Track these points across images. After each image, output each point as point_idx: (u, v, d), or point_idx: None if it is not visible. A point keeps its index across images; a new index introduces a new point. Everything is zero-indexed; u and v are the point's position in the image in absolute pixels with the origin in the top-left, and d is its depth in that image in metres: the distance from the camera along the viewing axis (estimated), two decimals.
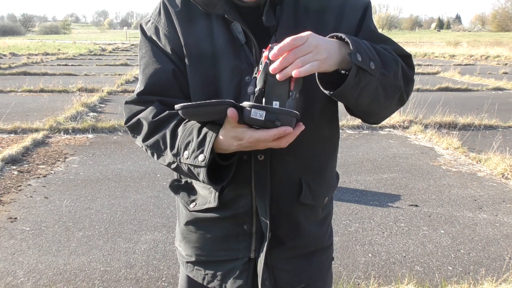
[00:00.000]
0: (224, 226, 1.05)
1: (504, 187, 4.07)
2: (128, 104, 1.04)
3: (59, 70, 13.63)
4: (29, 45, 30.31)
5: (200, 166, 0.88)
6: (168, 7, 1.01)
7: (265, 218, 1.02)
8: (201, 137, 0.89)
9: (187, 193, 1.10)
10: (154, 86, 0.99)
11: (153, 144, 0.98)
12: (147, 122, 0.98)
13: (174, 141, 0.94)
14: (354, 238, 3.01)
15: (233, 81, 0.96)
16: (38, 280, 2.47)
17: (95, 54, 22.40)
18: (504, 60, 20.63)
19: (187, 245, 1.13)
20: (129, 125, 1.03)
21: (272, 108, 0.80)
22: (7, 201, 3.53)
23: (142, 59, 1.03)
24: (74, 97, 7.52)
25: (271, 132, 0.81)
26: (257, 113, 0.80)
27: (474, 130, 6.25)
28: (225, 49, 0.96)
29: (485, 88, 10.50)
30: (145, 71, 1.01)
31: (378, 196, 3.80)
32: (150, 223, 3.21)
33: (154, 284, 2.46)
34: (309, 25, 0.96)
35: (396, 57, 0.95)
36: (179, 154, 0.92)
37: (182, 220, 1.13)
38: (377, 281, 2.50)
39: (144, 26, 1.05)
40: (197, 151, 0.88)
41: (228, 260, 1.07)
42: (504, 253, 2.85)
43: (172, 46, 0.99)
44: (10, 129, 5.80)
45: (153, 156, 1.01)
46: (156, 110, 0.98)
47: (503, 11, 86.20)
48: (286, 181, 1.02)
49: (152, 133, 0.98)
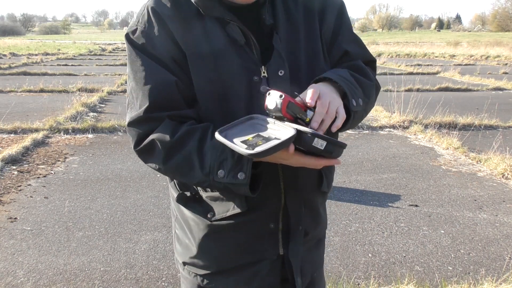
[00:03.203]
0: (249, 229, 1.02)
1: (504, 187, 4.07)
2: (133, 125, 0.95)
3: (59, 70, 13.63)
4: (29, 45, 30.32)
5: (241, 184, 0.88)
6: (158, 13, 0.95)
7: (298, 213, 1.04)
8: (237, 155, 0.87)
9: (198, 204, 1.04)
10: (160, 101, 0.92)
11: (176, 166, 0.92)
12: (165, 143, 0.91)
13: (203, 161, 0.90)
14: (354, 238, 3.01)
15: (242, 81, 0.95)
16: (38, 280, 2.47)
17: (95, 54, 22.41)
18: (504, 60, 20.64)
19: (205, 257, 1.06)
20: (141, 149, 0.95)
21: (332, 139, 0.84)
22: (7, 201, 3.53)
23: (137, 73, 0.94)
24: (74, 97, 7.52)
25: (321, 161, 0.88)
26: (318, 142, 0.83)
27: (474, 130, 6.25)
28: (225, 50, 0.94)
29: (485, 88, 10.51)
30: (145, 86, 0.93)
31: (378, 196, 3.80)
32: (150, 223, 3.21)
33: (154, 284, 2.46)
34: (300, 19, 1.02)
35: (371, 80, 1.09)
36: (211, 173, 0.89)
37: (197, 234, 1.05)
38: (377, 281, 2.50)
39: (131, 36, 0.96)
40: (235, 170, 0.88)
41: (253, 263, 1.05)
42: (504, 253, 2.85)
43: (171, 53, 0.94)
44: (10, 129, 5.80)
45: (174, 176, 0.97)
46: (170, 128, 0.92)
47: (503, 11, 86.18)
48: (309, 172, 1.04)
49: (173, 154, 0.91)
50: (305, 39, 1.02)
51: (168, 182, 1.14)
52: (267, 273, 1.06)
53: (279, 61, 0.97)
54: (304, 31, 1.02)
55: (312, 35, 1.03)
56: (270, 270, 1.06)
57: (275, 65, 0.97)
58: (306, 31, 1.02)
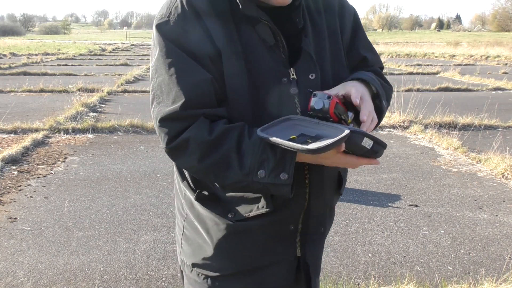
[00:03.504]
0: (270, 230, 1.01)
1: (504, 187, 4.07)
2: (166, 120, 0.90)
3: (59, 70, 13.63)
4: (29, 45, 30.32)
5: (283, 184, 0.87)
6: (194, 6, 0.92)
7: (322, 215, 1.06)
8: (279, 154, 0.87)
9: (218, 204, 1.01)
10: (196, 98, 0.89)
11: (212, 165, 0.89)
12: (202, 142, 0.88)
13: (242, 161, 0.88)
14: (354, 238, 3.01)
15: (272, 82, 0.94)
16: (38, 280, 2.47)
17: (95, 54, 22.40)
18: (504, 60, 20.64)
19: (222, 258, 1.03)
20: (173, 146, 0.91)
21: (379, 139, 0.87)
22: (7, 201, 3.53)
23: (170, 67, 0.90)
24: (74, 97, 7.51)
25: (362, 161, 0.89)
26: (367, 142, 0.85)
27: (474, 130, 6.25)
28: (256, 50, 0.93)
29: (485, 88, 10.50)
30: (181, 82, 0.89)
31: (378, 196, 3.80)
32: (150, 223, 3.21)
33: (154, 284, 2.46)
34: (323, 23, 1.03)
35: (389, 84, 1.13)
36: (251, 173, 0.87)
37: (215, 234, 1.01)
38: (377, 281, 2.50)
39: (163, 27, 0.92)
40: (277, 170, 0.87)
41: (271, 264, 1.04)
42: (504, 253, 2.85)
43: (207, 50, 0.90)
44: (10, 129, 5.80)
45: (206, 175, 0.94)
46: (207, 126, 0.89)
47: (503, 11, 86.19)
48: (331, 175, 1.06)
49: (210, 153, 0.89)
50: (329, 44, 1.03)
51: (177, 181, 1.11)
52: (283, 275, 1.05)
53: (310, 64, 0.97)
54: (327, 36, 1.03)
55: (335, 40, 1.04)
56: (287, 271, 1.06)
57: (305, 67, 0.96)
58: (329, 35, 1.03)
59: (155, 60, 0.93)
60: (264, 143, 0.87)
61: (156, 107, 0.92)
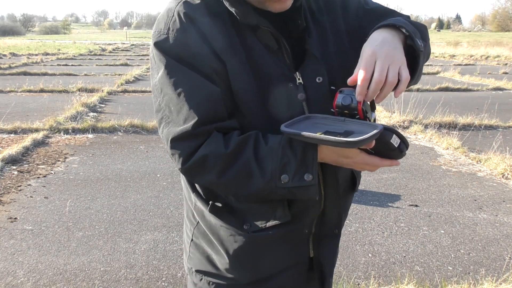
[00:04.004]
0: (286, 238, 0.98)
1: (504, 187, 4.07)
2: (178, 141, 0.87)
3: (59, 70, 13.63)
4: (29, 45, 30.31)
5: (308, 185, 0.84)
6: (193, 19, 0.88)
7: (337, 219, 1.03)
8: (300, 155, 0.84)
9: (232, 215, 0.97)
10: (208, 114, 0.86)
11: (233, 177, 0.87)
12: (219, 156, 0.85)
13: (263, 168, 0.85)
14: (354, 238, 3.01)
15: (280, 88, 0.91)
16: (38, 280, 2.47)
17: (95, 54, 22.39)
18: (504, 60, 20.63)
19: (237, 269, 1.00)
20: (190, 166, 0.88)
21: (405, 138, 0.83)
22: (7, 201, 3.53)
23: (178, 85, 0.86)
24: (74, 97, 7.51)
25: (385, 162, 0.85)
26: (395, 139, 0.82)
27: (474, 130, 6.25)
28: (261, 57, 0.91)
29: (485, 88, 10.50)
30: (192, 99, 0.85)
31: (378, 196, 3.80)
32: (150, 223, 3.21)
33: (154, 284, 2.46)
34: (325, 20, 0.99)
35: (423, 24, 1.01)
36: (273, 179, 0.84)
37: (231, 245, 0.98)
38: (377, 281, 2.50)
39: (163, 44, 0.87)
40: (300, 172, 0.84)
41: (286, 269, 1.02)
42: (504, 253, 2.85)
43: (211, 63, 0.87)
44: (10, 129, 5.80)
45: (228, 189, 0.91)
46: (222, 140, 0.87)
47: (503, 11, 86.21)
48: (345, 175, 1.03)
49: (229, 166, 0.86)
50: (333, 41, 0.99)
51: (186, 190, 1.07)
52: (296, 277, 1.04)
53: (316, 66, 0.93)
54: (331, 33, 0.99)
55: (339, 35, 1.00)
56: (299, 273, 1.04)
57: (311, 71, 0.93)
58: (332, 32, 0.99)
59: (159, 79, 0.89)
60: (283, 146, 0.85)
61: (166, 127, 0.89)
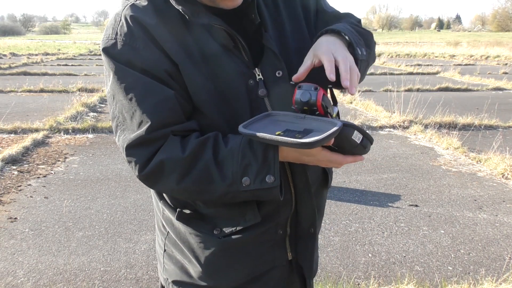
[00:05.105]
0: (259, 240, 0.96)
1: (504, 187, 4.07)
2: (133, 147, 0.84)
3: (59, 70, 13.63)
4: (29, 45, 30.32)
5: (271, 188, 0.82)
6: (140, 22, 0.85)
7: (311, 217, 1.00)
8: (261, 156, 0.81)
9: (202, 221, 0.95)
10: (163, 118, 0.83)
11: (192, 183, 0.84)
12: (177, 161, 0.83)
13: (223, 171, 0.82)
14: (354, 238, 3.01)
15: (239, 86, 0.89)
16: (38, 280, 2.47)
17: (95, 54, 22.39)
18: (504, 60, 20.63)
19: (212, 276, 0.97)
20: (147, 173, 0.84)
21: (367, 133, 0.82)
22: (7, 201, 3.53)
23: (129, 91, 0.83)
24: (74, 97, 7.51)
25: (348, 158, 0.84)
26: (357, 135, 0.80)
27: (474, 130, 6.24)
28: (216, 56, 0.88)
29: (485, 88, 10.50)
30: (144, 104, 0.83)
31: (378, 196, 3.80)
32: (150, 223, 3.21)
33: (154, 284, 2.46)
34: (282, 13, 0.98)
35: (369, 31, 1.03)
36: (235, 182, 0.82)
37: (202, 252, 0.96)
38: (377, 281, 2.50)
39: (111, 50, 0.85)
40: (262, 174, 0.81)
41: (264, 273, 0.99)
42: (504, 253, 2.85)
43: (162, 65, 0.85)
44: (10, 129, 5.80)
45: (189, 195, 0.88)
46: (179, 143, 0.84)
47: (503, 11, 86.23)
48: (315, 172, 1.01)
49: (187, 171, 0.83)
50: (291, 34, 0.97)
51: (154, 199, 1.05)
52: (277, 281, 1.01)
53: (274, 61, 0.91)
54: (289, 25, 0.97)
55: (298, 27, 0.98)
56: (280, 277, 1.01)
57: (270, 65, 0.91)
58: (290, 24, 0.97)
59: (110, 86, 0.86)
60: (243, 147, 0.82)
61: (121, 135, 0.86)
